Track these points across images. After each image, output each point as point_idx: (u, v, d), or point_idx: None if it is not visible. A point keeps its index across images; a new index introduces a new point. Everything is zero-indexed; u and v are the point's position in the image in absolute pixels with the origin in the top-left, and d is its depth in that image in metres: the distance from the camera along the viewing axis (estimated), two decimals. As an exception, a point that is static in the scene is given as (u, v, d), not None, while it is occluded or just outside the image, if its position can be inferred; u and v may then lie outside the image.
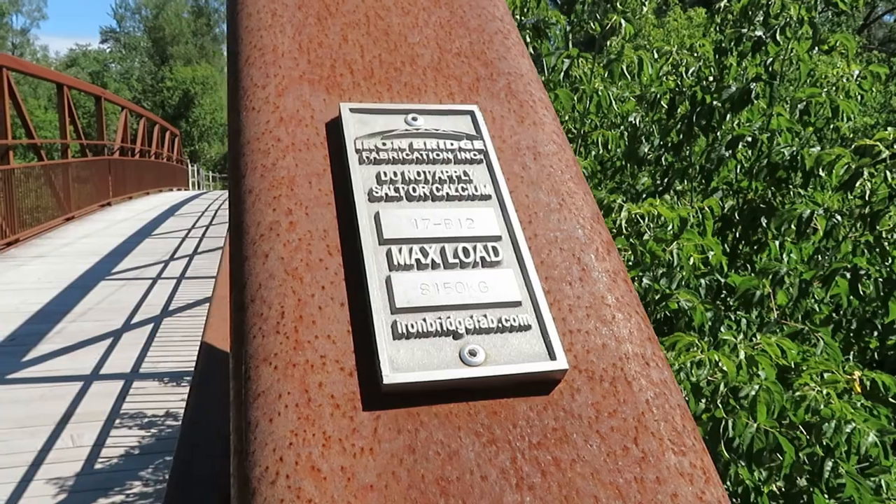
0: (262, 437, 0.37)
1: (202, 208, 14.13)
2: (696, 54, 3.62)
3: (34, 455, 4.41)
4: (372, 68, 0.59)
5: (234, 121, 0.54)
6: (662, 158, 3.68)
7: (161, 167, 19.09)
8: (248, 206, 0.48)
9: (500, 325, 0.44)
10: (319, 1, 0.63)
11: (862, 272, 2.48)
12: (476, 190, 0.51)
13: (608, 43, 3.71)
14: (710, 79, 3.48)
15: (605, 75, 3.51)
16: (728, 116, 3.37)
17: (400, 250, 0.46)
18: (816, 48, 3.30)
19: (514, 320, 0.44)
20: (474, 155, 0.53)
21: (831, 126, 3.46)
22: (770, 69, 3.25)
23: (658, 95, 3.44)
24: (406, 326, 0.42)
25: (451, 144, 0.53)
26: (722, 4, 3.54)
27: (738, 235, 3.39)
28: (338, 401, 0.39)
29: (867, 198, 2.51)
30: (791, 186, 3.23)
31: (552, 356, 0.43)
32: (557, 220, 0.52)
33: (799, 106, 3.23)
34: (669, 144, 3.60)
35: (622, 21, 3.30)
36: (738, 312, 2.85)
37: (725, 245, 3.17)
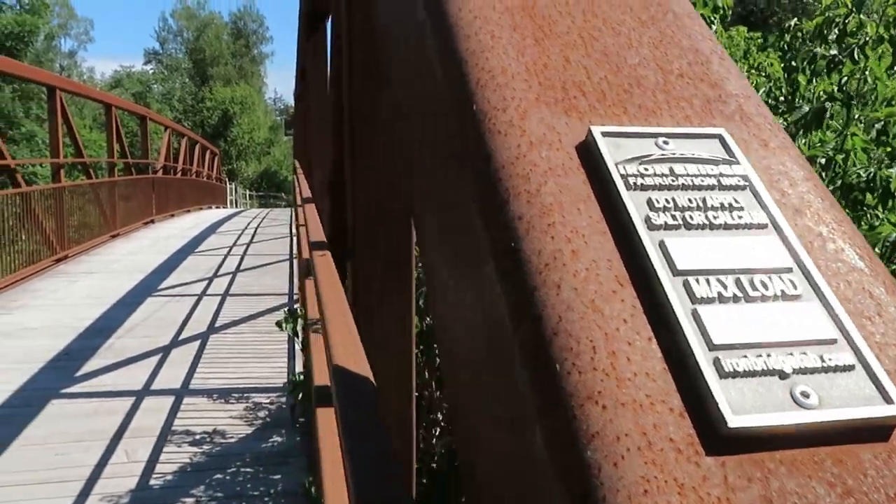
0: (610, 482, 0.35)
1: (242, 226, 14.34)
2: (764, 74, 3.57)
3: (90, 469, 4.45)
4: (602, 90, 0.57)
5: (479, 144, 0.52)
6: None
7: (201, 185, 19.45)
8: (521, 233, 0.46)
9: (823, 364, 0.41)
10: (532, 22, 0.62)
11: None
12: (751, 218, 0.49)
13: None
14: (781, 98, 3.43)
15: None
16: (797, 136, 3.30)
17: (698, 281, 0.43)
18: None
19: (836, 359, 0.42)
20: (737, 181, 0.51)
21: (908, 146, 3.37)
22: (844, 88, 3.18)
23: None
24: (732, 365, 0.40)
25: (712, 170, 0.51)
26: (792, 23, 3.49)
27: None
28: (678, 444, 0.36)
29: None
30: (866, 208, 3.15)
31: (887, 399, 0.40)
32: (834, 250, 0.49)
33: (876, 125, 3.15)
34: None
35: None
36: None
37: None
